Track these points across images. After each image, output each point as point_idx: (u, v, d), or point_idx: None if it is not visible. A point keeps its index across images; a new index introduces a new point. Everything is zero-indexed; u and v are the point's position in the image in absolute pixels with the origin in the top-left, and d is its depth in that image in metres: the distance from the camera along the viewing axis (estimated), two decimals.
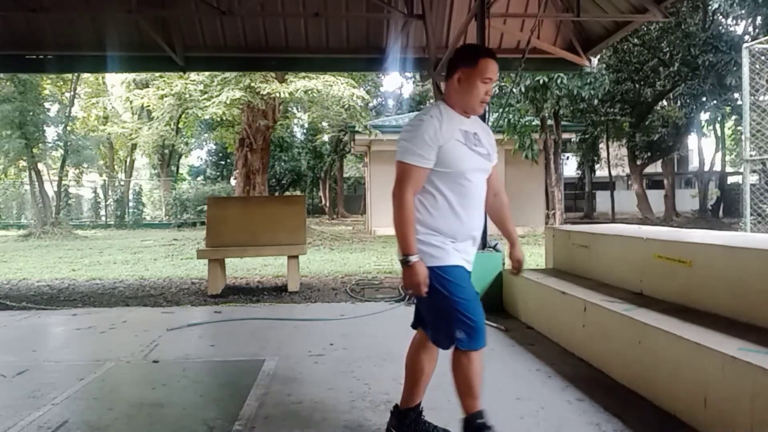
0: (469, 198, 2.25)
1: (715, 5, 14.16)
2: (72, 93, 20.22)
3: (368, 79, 23.45)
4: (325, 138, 24.75)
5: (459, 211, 2.23)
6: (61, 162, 19.37)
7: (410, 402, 2.43)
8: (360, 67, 10.01)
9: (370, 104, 26.44)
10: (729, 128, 25.52)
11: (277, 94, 12.70)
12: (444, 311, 2.20)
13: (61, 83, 19.92)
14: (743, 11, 14.29)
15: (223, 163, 29.27)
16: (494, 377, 3.27)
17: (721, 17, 16.39)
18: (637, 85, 19.45)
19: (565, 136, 17.34)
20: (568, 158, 28.71)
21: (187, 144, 28.40)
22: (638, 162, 22.36)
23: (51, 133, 19.21)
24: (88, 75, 23.09)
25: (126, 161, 30.12)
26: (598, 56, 11.00)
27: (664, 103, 21.41)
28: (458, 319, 2.16)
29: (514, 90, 13.94)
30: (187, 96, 13.64)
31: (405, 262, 2.14)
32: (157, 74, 14.47)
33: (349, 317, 4.85)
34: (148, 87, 15.67)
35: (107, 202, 24.93)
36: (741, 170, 7.01)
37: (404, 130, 2.24)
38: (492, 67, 2.22)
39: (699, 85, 15.90)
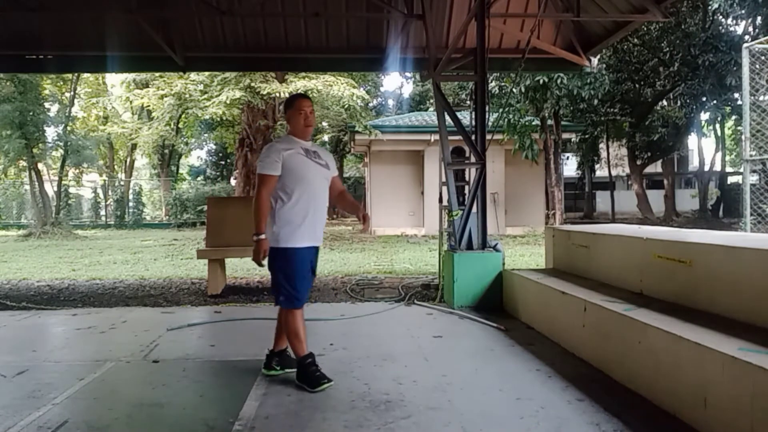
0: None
1: (715, 5, 14.15)
2: (72, 93, 20.21)
3: (368, 79, 23.47)
4: (325, 138, 24.76)
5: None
6: (61, 162, 19.37)
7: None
8: (360, 67, 10.03)
9: (370, 104, 26.43)
10: (729, 128, 25.54)
11: (277, 94, 12.71)
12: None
13: (61, 83, 19.91)
14: (743, 11, 14.29)
15: (223, 163, 29.28)
16: (494, 377, 3.27)
17: (721, 17, 16.39)
18: (637, 85, 19.45)
19: (565, 136, 17.35)
20: (568, 158, 28.69)
21: (187, 144, 28.43)
22: (638, 162, 22.35)
23: (51, 133, 19.21)
24: (88, 75, 23.09)
25: (126, 161, 30.11)
26: (598, 56, 10.98)
27: (664, 103, 21.40)
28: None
29: (514, 90, 13.95)
30: (187, 96, 13.65)
31: None
32: (157, 74, 14.48)
33: (349, 317, 4.85)
34: (148, 87, 15.69)
35: (107, 202, 24.94)
36: (741, 170, 7.01)
37: None
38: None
39: (699, 85, 15.89)
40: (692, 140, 27.06)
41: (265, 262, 3.16)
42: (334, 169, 3.42)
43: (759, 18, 14.46)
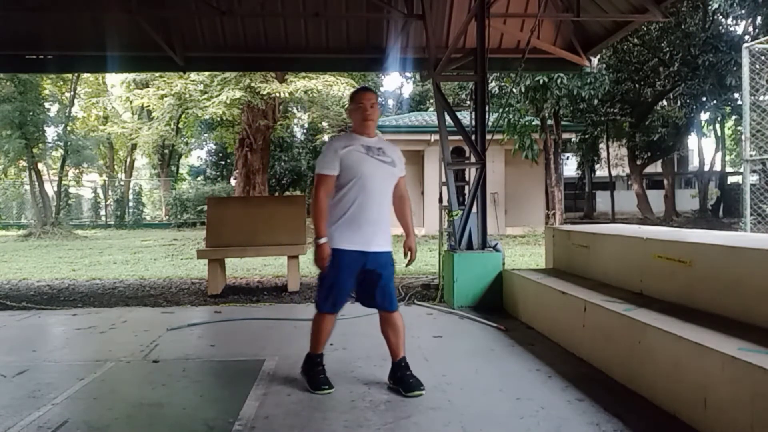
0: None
1: (715, 5, 14.14)
2: (72, 93, 20.20)
3: (368, 79, 23.44)
4: (325, 138, 24.73)
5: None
6: (61, 162, 19.36)
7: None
8: (360, 67, 10.02)
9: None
10: (729, 128, 25.51)
11: (277, 94, 12.72)
12: None
13: (61, 83, 19.90)
14: (743, 11, 14.28)
15: (223, 163, 29.22)
16: (494, 377, 3.27)
17: (721, 17, 16.38)
18: (637, 85, 19.44)
19: (565, 136, 17.34)
20: (568, 158, 28.67)
21: (187, 144, 28.40)
22: (638, 162, 22.34)
23: (51, 133, 19.21)
24: (88, 75, 23.08)
25: (126, 161, 30.10)
26: (598, 56, 10.99)
27: (664, 103, 21.39)
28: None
29: (514, 90, 13.94)
30: (187, 96, 13.66)
31: None
32: (157, 74, 14.48)
33: (349, 317, 4.84)
34: (148, 87, 15.69)
35: (107, 202, 24.93)
36: (741, 170, 7.01)
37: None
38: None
39: (699, 85, 15.88)
40: (692, 140, 27.08)
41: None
42: (402, 169, 3.16)
43: (759, 18, 14.45)
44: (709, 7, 15.13)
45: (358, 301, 3.14)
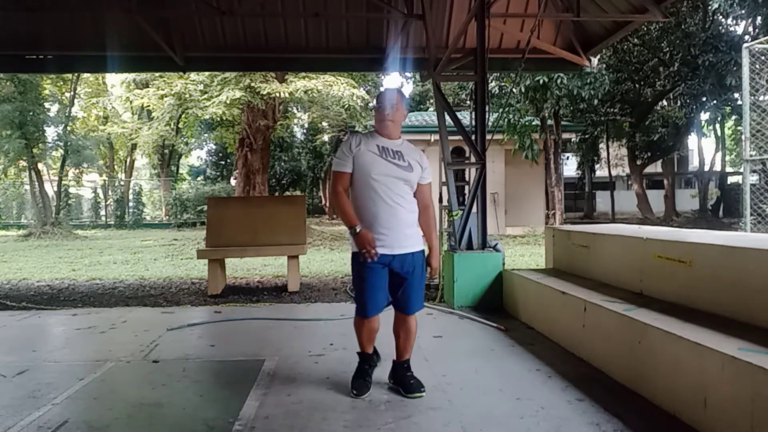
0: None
1: (715, 5, 14.14)
2: (72, 93, 20.20)
3: (368, 79, 23.44)
4: (325, 138, 24.74)
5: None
6: (61, 162, 19.36)
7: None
8: (360, 67, 10.01)
9: (370, 104, 26.41)
10: (729, 128, 25.51)
11: (277, 94, 12.70)
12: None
13: (61, 83, 19.90)
14: (743, 11, 14.28)
15: (223, 163, 29.23)
16: (494, 377, 3.27)
17: (721, 17, 16.38)
18: (637, 85, 19.44)
19: (565, 136, 17.34)
20: (568, 158, 28.68)
21: (187, 144, 28.39)
22: (638, 162, 22.34)
23: (51, 133, 19.20)
24: (88, 75, 23.08)
25: (126, 161, 30.09)
26: (598, 56, 10.99)
27: (664, 103, 21.39)
28: None
29: (514, 90, 13.94)
30: (187, 96, 13.64)
31: None
32: (157, 74, 14.47)
33: (349, 317, 4.83)
34: (148, 87, 15.67)
35: (107, 202, 24.92)
36: (741, 170, 7.01)
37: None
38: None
39: (699, 85, 15.88)
40: (692, 140, 27.09)
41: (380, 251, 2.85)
42: (421, 175, 3.04)
43: (759, 18, 14.45)
44: (709, 7, 15.13)
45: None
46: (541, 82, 13.51)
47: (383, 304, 2.99)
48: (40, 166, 18.22)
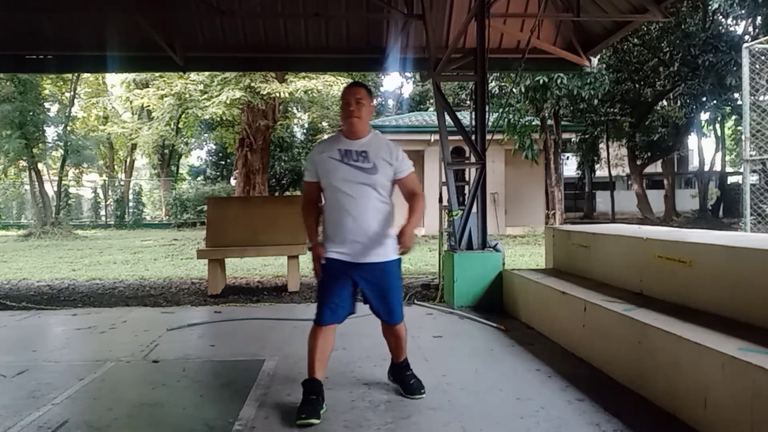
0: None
1: (715, 5, 14.13)
2: (72, 93, 20.21)
3: (368, 79, 23.45)
4: (325, 138, 24.79)
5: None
6: (61, 162, 19.37)
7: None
8: (360, 67, 10.03)
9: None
10: (729, 128, 25.48)
11: (277, 94, 12.72)
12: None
13: (61, 83, 19.91)
14: (743, 11, 14.27)
15: (223, 163, 29.23)
16: (494, 377, 3.27)
17: (721, 17, 16.37)
18: (637, 85, 19.43)
19: (565, 136, 17.34)
20: (568, 158, 28.66)
21: (187, 144, 28.41)
22: (638, 162, 22.34)
23: (51, 133, 19.21)
24: (88, 75, 23.09)
25: (126, 161, 30.11)
26: (598, 56, 10.97)
27: (664, 103, 21.39)
28: None
29: (514, 90, 13.94)
30: (187, 96, 13.66)
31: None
32: (157, 74, 14.48)
33: (349, 317, 4.84)
34: (148, 87, 15.69)
35: (107, 202, 24.93)
36: (741, 170, 7.01)
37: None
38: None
39: (699, 85, 15.88)
40: (692, 140, 27.06)
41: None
42: (396, 171, 2.86)
43: (759, 18, 14.45)
44: (709, 7, 15.12)
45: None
46: (541, 82, 13.51)
47: (343, 315, 2.84)
48: (40, 166, 18.23)
